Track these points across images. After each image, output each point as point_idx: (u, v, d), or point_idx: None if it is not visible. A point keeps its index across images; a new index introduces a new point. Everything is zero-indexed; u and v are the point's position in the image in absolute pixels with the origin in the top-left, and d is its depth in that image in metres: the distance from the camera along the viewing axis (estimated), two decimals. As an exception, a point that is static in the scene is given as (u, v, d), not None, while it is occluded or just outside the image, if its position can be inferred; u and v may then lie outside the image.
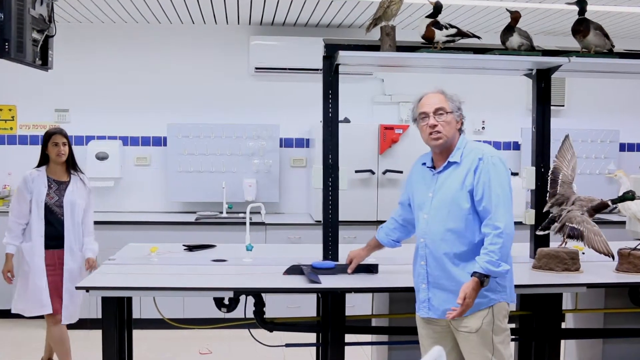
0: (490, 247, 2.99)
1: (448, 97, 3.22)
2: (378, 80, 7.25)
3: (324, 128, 4.04)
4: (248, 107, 7.08)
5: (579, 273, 3.87)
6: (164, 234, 6.14)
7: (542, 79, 4.21)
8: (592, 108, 7.59)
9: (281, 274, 3.74)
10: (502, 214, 3.02)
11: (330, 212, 4.03)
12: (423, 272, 3.20)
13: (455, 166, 3.18)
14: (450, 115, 3.19)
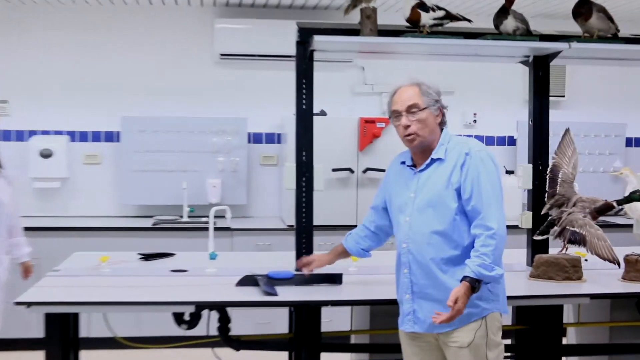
0: (483, 250, 2.99)
1: (423, 90, 3.22)
2: (358, 69, 7.25)
3: (297, 122, 4.03)
4: (212, 99, 7.05)
5: (581, 282, 3.89)
6: (117, 242, 6.09)
7: (539, 66, 4.23)
8: (596, 99, 7.65)
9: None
10: (494, 213, 3.03)
11: (304, 215, 4.03)
12: (407, 281, 3.19)
13: (439, 163, 3.19)
14: (425, 112, 3.19)
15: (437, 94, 3.24)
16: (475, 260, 2.99)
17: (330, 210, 6.30)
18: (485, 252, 2.99)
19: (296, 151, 4.04)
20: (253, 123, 7.03)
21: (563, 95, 7.49)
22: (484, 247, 3.00)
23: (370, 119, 6.50)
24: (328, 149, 6.21)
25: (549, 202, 4.13)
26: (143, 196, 6.82)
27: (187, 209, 6.65)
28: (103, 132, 6.96)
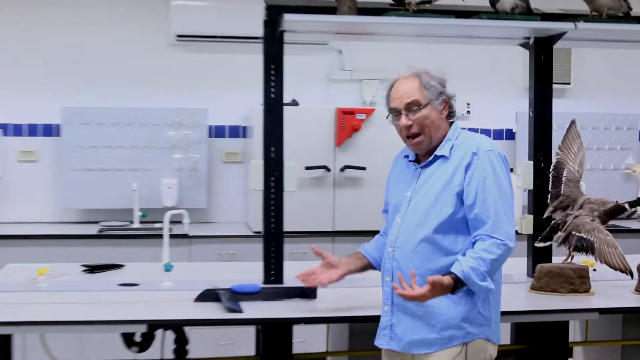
0: (483, 254, 2.99)
1: (423, 82, 3.18)
2: (335, 52, 7.26)
3: (265, 113, 4.03)
4: (167, 87, 7.02)
5: (589, 295, 3.92)
6: (57, 251, 6.05)
7: (541, 50, 4.25)
8: (606, 86, 7.71)
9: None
10: (503, 226, 3.02)
11: (273, 220, 4.02)
12: (388, 290, 3.21)
13: (443, 160, 3.18)
14: (428, 109, 3.17)
15: (441, 84, 3.21)
16: (469, 261, 2.98)
17: (303, 215, 6.30)
18: (484, 258, 2.98)
19: (264, 147, 4.03)
20: (214, 115, 7.01)
21: (568, 83, 7.53)
22: (486, 252, 2.99)
23: (349, 109, 6.51)
24: (300, 144, 6.20)
25: (552, 204, 4.15)
26: (87, 199, 6.77)
27: (139, 214, 6.62)
28: (40, 124, 6.92)
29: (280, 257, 4.05)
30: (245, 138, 7.12)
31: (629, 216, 7.08)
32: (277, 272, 4.03)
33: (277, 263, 4.04)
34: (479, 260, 2.98)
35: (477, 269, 2.97)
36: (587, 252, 3.89)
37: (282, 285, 3.97)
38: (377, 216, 3.42)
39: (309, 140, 6.39)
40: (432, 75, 3.21)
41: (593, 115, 7.44)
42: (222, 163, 7.14)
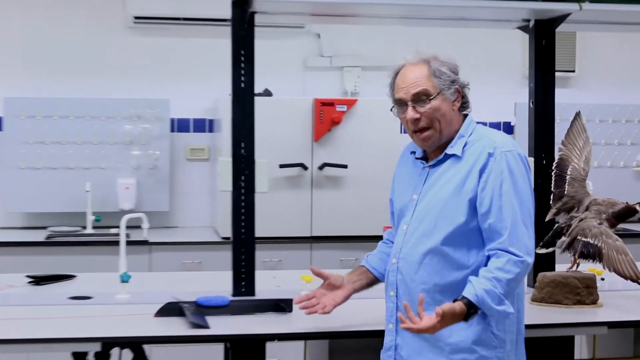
0: (499, 274, 2.93)
1: (433, 69, 3.11)
2: (312, 36, 7.26)
3: (233, 104, 4.02)
4: (124, 75, 7.00)
5: (596, 307, 3.94)
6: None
7: (543, 33, 4.27)
8: (614, 75, 7.75)
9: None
10: (521, 238, 2.99)
11: (243, 225, 4.02)
12: (392, 306, 3.19)
13: (455, 160, 3.12)
14: (439, 100, 3.10)
15: (453, 71, 3.14)
16: (483, 283, 2.93)
17: (277, 218, 6.30)
18: (500, 278, 2.93)
19: (232, 142, 4.03)
20: (177, 106, 7.00)
21: (573, 70, 7.57)
22: (502, 272, 2.94)
23: (328, 100, 6.51)
24: (274, 140, 6.20)
25: (555, 205, 4.17)
26: (33, 201, 6.75)
27: (92, 218, 6.60)
28: (-20, 118, 6.89)
29: (251, 266, 4.04)
30: (212, 132, 7.11)
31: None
32: (248, 283, 4.03)
33: (248, 273, 4.03)
34: (494, 282, 2.92)
35: (492, 291, 2.91)
36: (594, 259, 3.89)
37: (254, 298, 3.97)
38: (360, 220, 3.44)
39: (284, 135, 6.39)
40: (443, 60, 3.15)
41: (600, 106, 7.48)
42: (185, 161, 7.13)
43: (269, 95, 6.69)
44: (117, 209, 6.68)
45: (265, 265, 6.04)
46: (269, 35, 6.88)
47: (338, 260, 6.29)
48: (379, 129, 6.52)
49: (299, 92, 7.16)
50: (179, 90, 7.03)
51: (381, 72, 7.82)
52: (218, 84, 6.48)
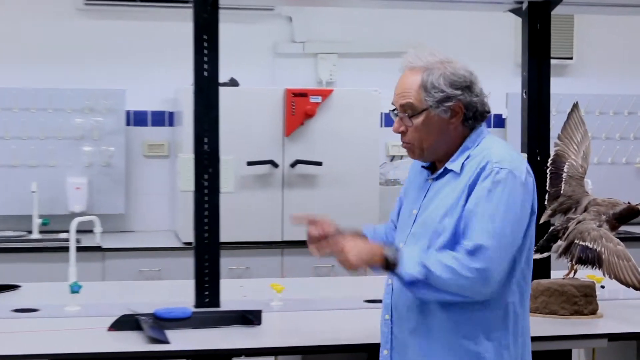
0: (445, 258, 2.92)
1: (426, 81, 3.06)
2: (283, 20, 7.26)
3: (195, 95, 4.02)
4: (74, 63, 6.98)
5: (596, 318, 3.96)
6: None
7: (537, 17, 4.29)
8: (615, 62, 7.79)
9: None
10: (489, 254, 2.93)
11: (207, 229, 4.02)
12: (387, 331, 3.19)
13: (453, 175, 3.10)
14: (423, 116, 3.07)
15: (452, 85, 3.06)
16: (417, 254, 2.96)
17: (244, 221, 6.30)
18: (444, 262, 2.91)
19: (195, 137, 4.03)
20: (134, 97, 6.98)
21: (570, 57, 7.60)
22: (452, 259, 2.92)
23: (301, 90, 6.51)
24: (241, 134, 6.20)
25: (550, 206, 4.19)
26: (-27, 203, 6.72)
27: (38, 222, 6.57)
28: None
29: (215, 275, 4.05)
30: (172, 126, 7.09)
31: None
32: (212, 293, 4.03)
33: (212, 281, 4.04)
34: (436, 257, 2.94)
35: (423, 264, 2.92)
36: (593, 265, 3.92)
37: (219, 309, 3.98)
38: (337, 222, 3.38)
39: (252, 129, 6.40)
40: (443, 72, 3.07)
41: (600, 97, 7.51)
42: (143, 158, 7.11)
43: (235, 85, 6.69)
44: (66, 212, 6.66)
45: (232, 273, 6.04)
46: (235, 19, 6.87)
47: (312, 267, 6.30)
48: (356, 123, 6.53)
49: (268, 82, 7.16)
50: (135, 80, 7.01)
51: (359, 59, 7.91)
52: (179, 73, 6.48)
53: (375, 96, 6.59)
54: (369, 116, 6.57)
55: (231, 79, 6.67)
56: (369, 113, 6.63)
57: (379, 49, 7.25)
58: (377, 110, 6.65)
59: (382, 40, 7.26)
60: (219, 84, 4.07)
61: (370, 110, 6.62)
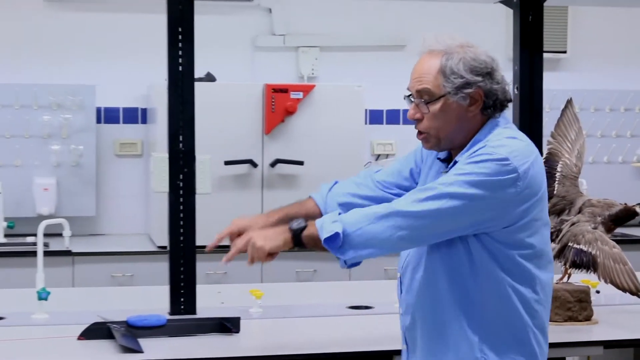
0: (369, 210, 2.96)
1: (446, 66, 3.02)
2: (262, 11, 7.26)
3: (170, 91, 4.02)
4: (41, 57, 6.97)
5: (591, 324, 3.97)
6: None
7: (529, 8, 4.30)
8: (611, 56, 7.81)
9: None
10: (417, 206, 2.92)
11: (183, 232, 4.03)
12: (401, 325, 3.20)
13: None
14: (441, 103, 3.03)
15: (473, 71, 3.02)
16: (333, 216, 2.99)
17: (222, 223, 6.25)
18: (359, 212, 2.95)
19: (169, 135, 4.02)
20: (104, 93, 6.98)
21: (564, 51, 7.62)
22: (360, 214, 2.96)
23: (282, 86, 6.52)
24: (218, 132, 6.20)
25: (543, 207, 4.21)
26: None
27: (4, 225, 6.56)
28: None
29: (191, 280, 4.05)
30: (145, 124, 7.10)
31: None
32: (188, 300, 4.03)
33: (187, 287, 4.04)
34: (342, 216, 2.96)
35: (335, 221, 2.94)
36: (587, 269, 3.93)
37: (195, 316, 3.97)
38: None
39: (229, 126, 6.40)
40: (463, 56, 3.03)
41: (595, 92, 7.55)
42: (114, 157, 7.11)
43: (211, 81, 6.69)
44: (33, 214, 6.65)
45: (209, 278, 6.03)
46: (212, 10, 6.88)
47: (294, 271, 6.31)
48: (340, 120, 6.55)
49: (247, 77, 7.17)
50: (106, 75, 7.01)
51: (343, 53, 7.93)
52: (152, 68, 6.48)
53: (359, 92, 6.60)
54: (353, 113, 6.58)
55: (207, 73, 6.67)
56: (353, 109, 6.63)
57: (363, 42, 7.27)
58: (361, 107, 6.67)
59: (367, 33, 7.27)
60: (195, 79, 4.06)
61: (354, 107, 6.63)
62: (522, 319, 2.96)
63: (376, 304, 4.31)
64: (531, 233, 2.96)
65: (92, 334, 3.70)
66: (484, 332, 2.96)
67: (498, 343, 2.96)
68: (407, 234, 2.90)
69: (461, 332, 2.97)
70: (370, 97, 6.85)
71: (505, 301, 2.95)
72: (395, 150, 7.31)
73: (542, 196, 2.98)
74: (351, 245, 2.92)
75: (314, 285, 5.66)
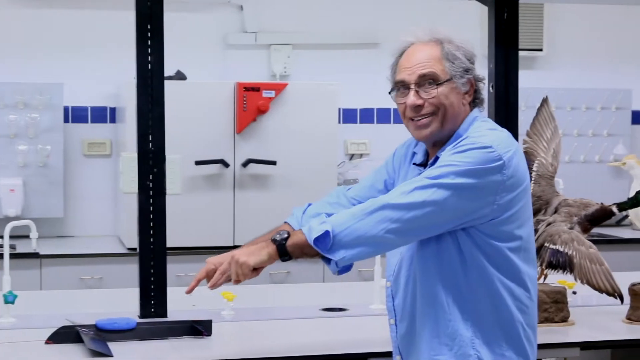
0: (355, 209, 2.97)
1: (446, 51, 3.06)
2: (234, 9, 7.26)
3: (139, 89, 4.01)
4: (6, 54, 6.94)
5: (567, 326, 3.99)
6: None
7: (504, 5, 4.31)
8: (588, 54, 7.85)
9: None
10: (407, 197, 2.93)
11: (153, 233, 4.02)
12: (393, 335, 3.21)
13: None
14: (447, 87, 3.05)
15: (468, 58, 3.10)
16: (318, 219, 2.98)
17: (193, 225, 6.29)
18: (342, 217, 2.94)
19: (138, 135, 4.01)
20: (72, 92, 6.96)
21: (540, 49, 7.65)
22: (362, 205, 2.98)
23: (253, 84, 6.51)
24: (188, 132, 6.19)
25: (519, 207, 4.22)
26: None
27: (-30, 227, 6.54)
28: None
29: (162, 282, 4.04)
30: (114, 123, 7.08)
31: (618, 222, 7.22)
32: (159, 302, 4.03)
33: (158, 290, 4.03)
34: (331, 219, 2.95)
35: (323, 224, 2.92)
36: (564, 270, 3.95)
37: (166, 319, 3.97)
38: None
39: (200, 126, 6.39)
40: (459, 45, 3.10)
41: (572, 91, 7.57)
42: (83, 157, 7.09)
43: (182, 79, 6.68)
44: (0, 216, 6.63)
45: (180, 280, 6.01)
46: (182, 7, 6.86)
47: (267, 273, 6.28)
48: (313, 119, 6.54)
49: (217, 75, 7.16)
50: (74, 73, 6.99)
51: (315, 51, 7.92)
52: (121, 66, 6.48)
53: (332, 90, 6.60)
54: (326, 112, 6.57)
55: (177, 72, 6.66)
56: (326, 108, 6.63)
57: (336, 40, 7.27)
58: (335, 106, 6.67)
59: (340, 30, 7.28)
60: (165, 77, 4.05)
61: (327, 106, 6.63)
62: (513, 314, 2.99)
63: (350, 306, 4.32)
64: (519, 225, 2.99)
65: (60, 338, 3.68)
66: (476, 328, 2.98)
67: (490, 339, 2.98)
68: (397, 227, 2.90)
69: (455, 329, 2.99)
70: (343, 96, 6.86)
71: (495, 297, 2.97)
72: (369, 149, 7.30)
73: (527, 187, 3.02)
74: (341, 244, 2.91)
75: (287, 287, 5.65)
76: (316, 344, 3.69)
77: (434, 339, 3.02)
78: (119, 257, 6.33)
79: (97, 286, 6.16)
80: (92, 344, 3.57)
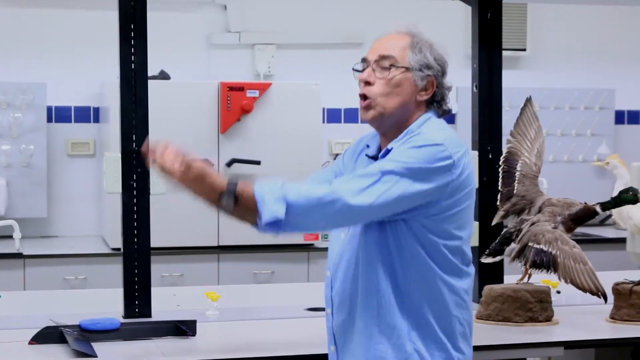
0: (297, 188, 2.94)
1: (414, 43, 3.13)
2: (217, 8, 7.25)
3: (122, 89, 4.01)
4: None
5: (551, 325, 4.00)
6: None
7: (487, 5, 4.31)
8: (571, 54, 7.86)
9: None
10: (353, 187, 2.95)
11: (137, 233, 4.02)
12: (329, 325, 3.22)
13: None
14: (402, 74, 3.09)
15: (436, 60, 3.15)
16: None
17: (177, 225, 6.28)
18: (296, 191, 2.92)
19: (122, 134, 4.02)
20: (55, 91, 6.94)
21: (524, 49, 7.66)
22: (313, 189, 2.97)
23: (237, 84, 6.51)
24: (172, 131, 6.15)
25: (503, 207, 4.22)
26: None
27: (-48, 227, 6.52)
28: None
29: (146, 282, 4.04)
30: (98, 123, 7.07)
31: (601, 222, 7.23)
32: (143, 302, 4.02)
33: (142, 290, 4.02)
34: (285, 186, 2.93)
35: (273, 188, 2.92)
36: (548, 269, 3.94)
37: (150, 320, 3.97)
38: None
39: (184, 125, 6.38)
40: (431, 44, 3.17)
41: (555, 91, 7.59)
42: (66, 157, 7.08)
43: (165, 79, 6.67)
44: (-17, 216, 6.62)
45: (164, 280, 6.02)
46: (165, 7, 6.86)
47: (251, 273, 6.31)
48: (297, 118, 6.55)
49: (201, 75, 7.16)
50: (57, 73, 6.98)
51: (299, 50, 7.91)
52: (105, 65, 6.45)
53: (316, 90, 6.61)
54: (310, 111, 6.58)
55: (161, 71, 6.66)
56: (310, 108, 6.64)
57: (320, 39, 7.27)
58: (319, 105, 6.68)
59: (324, 30, 7.28)
60: (148, 77, 4.05)
61: (311, 105, 6.64)
62: (449, 309, 3.03)
63: (335, 305, 4.32)
64: (459, 226, 3.05)
65: (43, 338, 3.68)
66: (413, 319, 3.02)
67: (427, 332, 3.02)
68: (346, 220, 2.99)
69: (394, 319, 3.03)
70: (327, 96, 6.86)
71: (433, 290, 3.02)
72: (354, 149, 7.31)
73: (472, 191, 3.10)
74: (289, 226, 2.92)
75: (271, 287, 5.66)
76: (300, 344, 3.69)
77: (373, 328, 3.05)
78: (103, 257, 6.33)
79: (81, 286, 6.16)
80: (76, 344, 3.56)
